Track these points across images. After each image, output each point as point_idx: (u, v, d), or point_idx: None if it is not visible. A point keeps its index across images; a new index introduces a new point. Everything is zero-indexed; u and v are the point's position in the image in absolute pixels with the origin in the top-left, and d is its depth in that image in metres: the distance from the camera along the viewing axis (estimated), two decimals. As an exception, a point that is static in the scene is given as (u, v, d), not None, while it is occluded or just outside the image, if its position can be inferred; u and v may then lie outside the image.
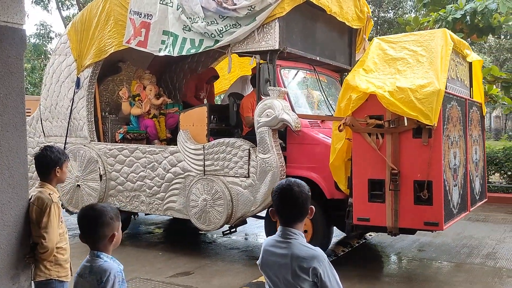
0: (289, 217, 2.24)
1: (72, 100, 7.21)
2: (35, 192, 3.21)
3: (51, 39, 26.44)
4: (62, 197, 7.19)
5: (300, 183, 2.26)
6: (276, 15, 5.55)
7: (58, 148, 3.42)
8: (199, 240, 7.46)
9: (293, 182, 2.26)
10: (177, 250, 6.64)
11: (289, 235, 2.21)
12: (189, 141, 6.14)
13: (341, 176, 5.14)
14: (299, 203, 2.22)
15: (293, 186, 2.24)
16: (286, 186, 2.24)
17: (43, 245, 3.07)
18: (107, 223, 2.35)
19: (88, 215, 2.40)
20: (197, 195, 5.98)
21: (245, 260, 6.15)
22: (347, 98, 4.87)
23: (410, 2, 22.05)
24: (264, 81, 5.60)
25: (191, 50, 6.04)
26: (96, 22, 6.95)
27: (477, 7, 10.17)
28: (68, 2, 24.64)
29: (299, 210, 2.24)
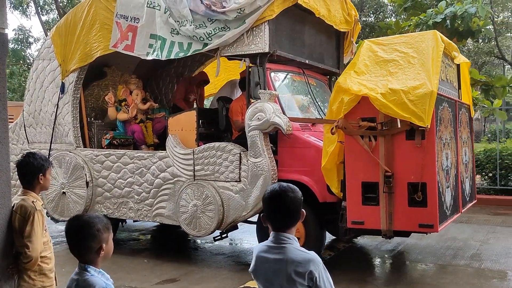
0: (282, 223, 2.20)
1: (56, 106, 7.07)
2: (17, 200, 3.13)
3: (30, 44, 26.07)
4: (47, 205, 7.04)
5: (292, 188, 2.22)
6: (265, 18, 5.51)
7: (41, 154, 3.36)
8: (185, 246, 7.38)
9: (285, 187, 2.21)
10: (162, 256, 6.55)
11: (282, 240, 2.17)
12: (178, 146, 6.05)
13: (333, 179, 5.10)
14: (292, 209, 2.18)
15: (286, 192, 2.19)
16: (278, 192, 2.20)
17: (27, 254, 2.99)
18: (93, 235, 2.25)
19: (73, 227, 2.30)
20: (187, 201, 5.89)
21: (231, 266, 6.08)
22: (339, 101, 4.85)
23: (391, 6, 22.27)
24: (255, 85, 5.54)
25: (179, 53, 5.96)
26: (81, 26, 6.83)
27: (457, 11, 10.38)
28: (48, 7, 24.31)
29: (292, 215, 2.19)
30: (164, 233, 8.12)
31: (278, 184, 2.25)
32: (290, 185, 2.23)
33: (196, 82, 8.12)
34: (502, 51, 19.61)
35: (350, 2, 7.12)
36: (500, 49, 18.64)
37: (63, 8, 22.70)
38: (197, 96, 8.24)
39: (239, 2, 5.43)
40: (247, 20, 5.51)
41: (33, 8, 23.71)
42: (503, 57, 20.13)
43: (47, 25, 24.78)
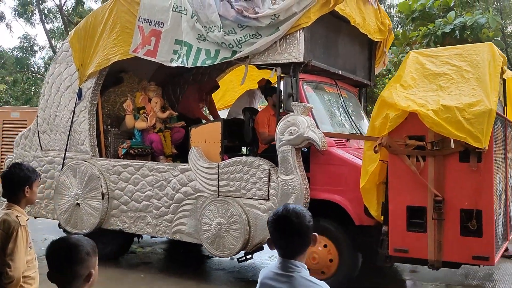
0: (289, 250, 2.00)
1: (73, 112, 6.71)
2: (0, 214, 2.89)
3: (34, 53, 25.85)
4: (60, 216, 6.68)
5: (299, 212, 2.02)
6: (301, 25, 5.14)
7: (28, 165, 3.13)
8: (183, 260, 7.05)
9: (291, 212, 2.01)
10: (160, 271, 6.27)
11: (290, 268, 1.98)
12: (201, 159, 5.67)
13: (372, 201, 4.70)
14: (299, 235, 1.99)
15: (291, 217, 1.99)
16: (283, 217, 2.01)
17: (8, 274, 2.74)
18: (83, 259, 1.95)
19: (60, 250, 1.97)
20: (210, 218, 5.49)
21: (231, 282, 5.78)
22: (383, 116, 4.45)
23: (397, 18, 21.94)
24: (287, 96, 5.16)
25: (206, 61, 5.59)
26: (101, 30, 6.48)
27: (466, 22, 10.24)
28: (52, 15, 24.05)
29: (300, 242, 2.00)
30: (161, 246, 7.76)
31: (284, 207, 2.05)
32: (297, 209, 2.04)
33: (206, 89, 7.76)
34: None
35: (384, 11, 6.76)
36: (510, 60, 18.19)
37: (67, 16, 22.49)
38: (205, 104, 7.90)
39: (274, 8, 5.06)
40: (281, 27, 5.14)
41: (37, 16, 23.42)
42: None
43: (51, 34, 24.59)
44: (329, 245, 5.06)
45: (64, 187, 6.65)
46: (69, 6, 23.13)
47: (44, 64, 26.14)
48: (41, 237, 8.10)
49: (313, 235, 2.03)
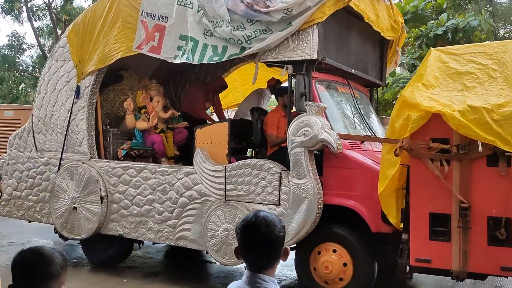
0: (256, 263, 1.85)
1: (70, 111, 6.40)
2: None
3: (23, 51, 25.36)
4: (56, 221, 6.36)
5: (270, 220, 1.84)
6: (315, 20, 4.86)
7: None
8: (167, 265, 6.82)
9: (260, 219, 1.83)
10: (143, 276, 6.04)
11: (258, 283, 1.82)
12: (207, 161, 5.37)
13: (391, 207, 4.43)
14: (269, 247, 1.83)
15: (260, 226, 1.82)
16: (251, 225, 1.84)
17: None
18: (56, 274, 1.77)
19: (30, 263, 1.77)
20: (217, 224, 5.20)
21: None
22: (404, 117, 4.18)
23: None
24: (300, 95, 4.88)
25: (213, 58, 5.30)
26: (101, 24, 6.18)
27: (458, 24, 10.27)
28: (40, 13, 23.59)
29: (269, 255, 1.84)
30: (145, 250, 7.45)
31: (254, 213, 1.87)
32: (268, 217, 1.85)
33: (213, 88, 7.47)
34: None
35: (396, 8, 6.49)
36: None
37: (56, 14, 22.07)
38: (211, 104, 7.61)
39: (287, 2, 4.77)
40: (294, 22, 4.86)
41: (25, 14, 22.92)
42: None
43: (40, 32, 24.13)
44: (343, 253, 4.78)
45: (60, 190, 6.34)
46: (57, 3, 22.69)
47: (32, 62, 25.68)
48: (24, 240, 7.81)
49: (285, 249, 1.87)
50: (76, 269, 6.42)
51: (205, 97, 7.18)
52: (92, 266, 6.53)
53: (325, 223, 4.85)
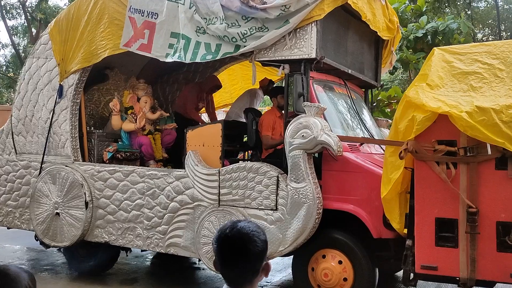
0: (232, 278, 1.72)
1: (52, 112, 6.09)
2: None
3: (-4, 50, 24.73)
4: (37, 227, 6.04)
5: (246, 233, 1.69)
6: (313, 18, 4.68)
7: None
8: (144, 271, 6.60)
9: (235, 232, 1.68)
10: (118, 284, 5.83)
11: None
12: (200, 164, 5.14)
13: (394, 212, 4.26)
14: (246, 261, 1.68)
15: (234, 238, 1.67)
16: (226, 237, 1.68)
17: None
18: None
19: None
20: (210, 230, 4.97)
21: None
22: (408, 119, 4.02)
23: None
24: (297, 96, 4.69)
25: (206, 56, 5.07)
26: (86, 21, 5.89)
27: (438, 27, 10.43)
28: (14, 11, 22.95)
29: (245, 270, 1.70)
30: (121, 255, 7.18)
31: (231, 223, 1.73)
32: (245, 229, 1.69)
33: (207, 88, 7.23)
34: None
35: (391, 7, 6.37)
36: None
37: (31, 13, 21.49)
38: (204, 104, 7.37)
39: (285, -2, 4.58)
40: (291, 19, 4.67)
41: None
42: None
43: (14, 31, 23.48)
44: (343, 260, 4.60)
45: (41, 195, 6.02)
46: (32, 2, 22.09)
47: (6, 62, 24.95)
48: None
49: (265, 264, 1.72)
50: (49, 276, 6.15)
51: (198, 97, 6.94)
52: (65, 274, 6.26)
53: (324, 228, 4.66)
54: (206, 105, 7.26)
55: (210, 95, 7.33)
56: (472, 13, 21.79)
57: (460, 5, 21.25)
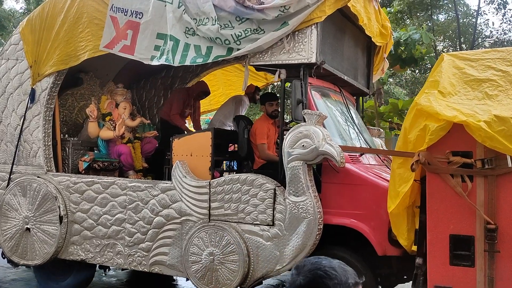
0: None
1: (23, 118, 5.59)
2: None
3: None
4: (4, 244, 5.50)
5: (336, 268, 1.51)
6: (313, 20, 4.38)
7: None
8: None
9: (323, 268, 1.49)
10: None
11: None
12: (188, 176, 4.75)
13: (402, 227, 3.99)
14: None
15: (326, 279, 1.46)
16: (315, 279, 1.47)
17: None
18: None
19: None
20: (200, 247, 4.57)
21: None
22: (420, 128, 3.76)
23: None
24: (296, 103, 4.37)
25: (197, 59, 4.71)
26: (62, 20, 5.44)
27: (400, 37, 10.46)
28: None
29: None
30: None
31: (309, 261, 1.54)
32: (330, 263, 1.51)
33: (194, 93, 6.85)
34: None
35: (384, 13, 6.16)
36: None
37: None
38: (191, 110, 6.99)
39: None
40: (290, 21, 4.36)
41: None
42: None
43: None
44: (346, 279, 4.27)
45: (10, 209, 5.50)
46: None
47: None
48: None
49: None
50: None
51: (185, 103, 6.55)
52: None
53: (321, 244, 4.34)
54: (193, 112, 6.88)
55: (198, 101, 6.95)
56: (433, 24, 22.26)
57: (422, 16, 21.68)
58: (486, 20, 27.48)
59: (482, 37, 22.47)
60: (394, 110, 11.46)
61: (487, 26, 22.65)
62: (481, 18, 22.08)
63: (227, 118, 6.87)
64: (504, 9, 20.76)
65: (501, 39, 22.12)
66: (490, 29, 22.68)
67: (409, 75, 22.30)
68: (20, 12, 22.13)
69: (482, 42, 23.17)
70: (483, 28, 22.31)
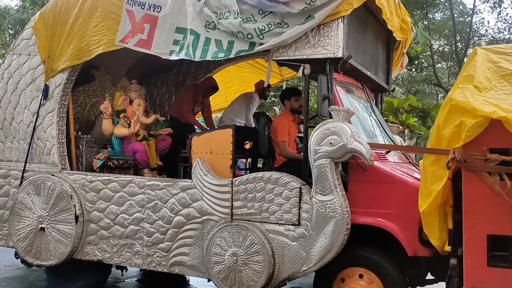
0: None
1: (36, 115, 5.45)
2: None
3: None
4: (17, 244, 5.37)
5: None
6: (340, 13, 4.25)
7: None
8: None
9: None
10: None
11: None
12: (209, 174, 4.62)
13: (434, 227, 3.87)
14: None
15: None
16: None
17: None
18: None
19: None
20: (222, 248, 4.44)
21: None
22: (455, 124, 3.63)
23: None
24: (322, 99, 4.24)
25: (218, 54, 4.57)
26: (76, 14, 5.30)
27: None
28: None
29: None
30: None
31: None
32: None
33: (202, 90, 6.72)
34: (438, 78, 19.66)
35: (403, 7, 6.02)
36: (437, 76, 18.53)
37: None
38: (200, 108, 6.86)
39: (311, -10, 4.13)
40: (316, 14, 4.22)
41: None
42: (440, 84, 20.02)
43: None
44: (374, 280, 4.16)
45: (23, 208, 5.36)
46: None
47: None
48: None
49: None
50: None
51: (194, 99, 6.41)
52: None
53: (348, 244, 4.21)
54: (202, 109, 6.74)
55: (207, 98, 6.81)
56: (428, 23, 22.13)
57: (417, 15, 21.56)
58: (481, 19, 27.45)
59: (477, 36, 22.36)
60: (390, 108, 11.34)
61: (483, 25, 22.56)
62: (476, 17, 22.04)
63: (237, 115, 6.74)
64: (499, 8, 20.68)
65: (496, 38, 22.02)
66: (485, 28, 22.61)
67: (405, 74, 22.21)
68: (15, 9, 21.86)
69: (478, 40, 23.09)
70: (478, 26, 22.22)
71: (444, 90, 20.84)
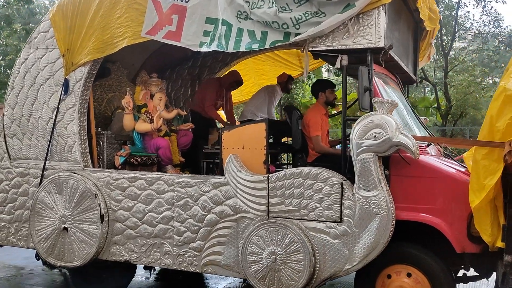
0: None
1: (56, 111, 5.25)
2: None
3: None
4: (39, 245, 5.18)
5: None
6: (381, 1, 4.08)
7: None
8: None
9: None
10: None
11: None
12: (243, 170, 4.44)
13: (486, 222, 3.72)
14: None
15: None
16: None
17: None
18: None
19: None
20: (260, 247, 4.28)
21: None
22: (510, 116, 3.49)
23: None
24: (363, 90, 4.08)
25: (252, 45, 4.39)
26: (97, 5, 5.09)
27: None
28: None
29: None
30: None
31: None
32: None
33: (227, 84, 6.54)
34: (425, 71, 19.63)
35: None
36: (423, 70, 18.52)
37: None
38: (223, 102, 6.69)
39: (351, -22, 3.96)
40: (357, 2, 4.05)
41: None
42: (427, 77, 19.99)
43: None
44: (421, 279, 4.01)
45: (44, 207, 5.17)
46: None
47: None
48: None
49: None
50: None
51: (217, 94, 6.23)
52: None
53: (395, 242, 4.06)
54: (225, 103, 6.56)
55: (229, 92, 6.63)
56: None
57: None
58: (467, 12, 27.42)
59: (463, 29, 22.30)
60: None
61: (468, 18, 22.51)
62: (461, 10, 21.91)
63: (259, 109, 6.58)
64: (484, 1, 20.64)
65: (481, 31, 21.97)
66: (470, 21, 22.54)
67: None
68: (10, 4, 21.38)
69: (463, 34, 23.03)
70: (464, 20, 22.15)
71: (431, 83, 20.71)
